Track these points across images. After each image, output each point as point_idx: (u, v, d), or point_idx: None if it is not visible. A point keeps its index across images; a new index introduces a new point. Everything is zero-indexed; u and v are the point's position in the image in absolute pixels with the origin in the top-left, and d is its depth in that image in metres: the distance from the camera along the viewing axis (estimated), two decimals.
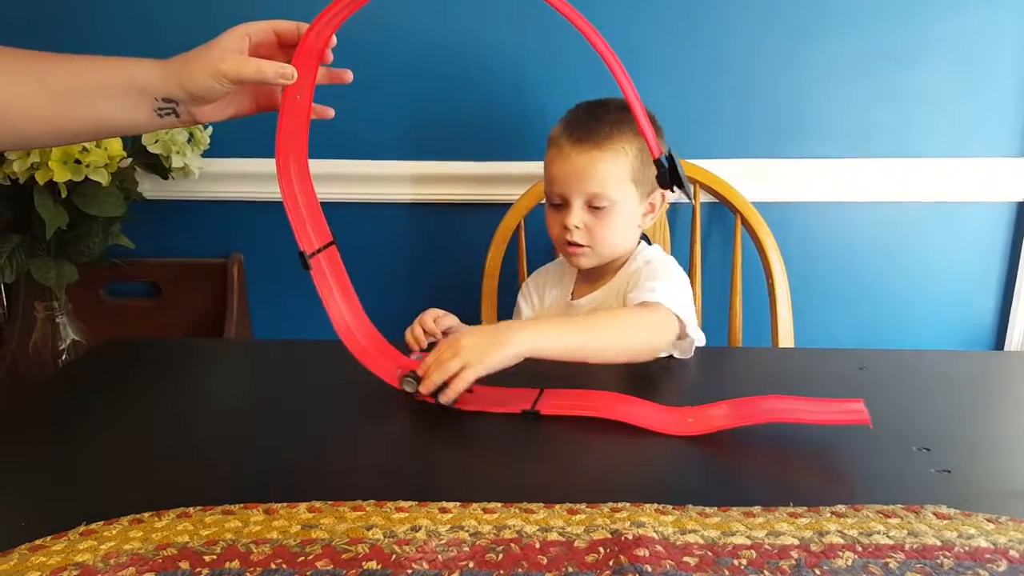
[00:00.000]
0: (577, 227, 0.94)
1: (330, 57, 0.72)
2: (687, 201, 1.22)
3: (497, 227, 1.20)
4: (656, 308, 0.84)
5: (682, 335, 0.85)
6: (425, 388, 0.71)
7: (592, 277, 1.01)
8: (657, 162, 0.69)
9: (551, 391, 0.74)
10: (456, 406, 0.72)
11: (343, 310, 0.77)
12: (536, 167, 1.04)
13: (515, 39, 1.19)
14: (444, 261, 1.28)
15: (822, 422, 0.66)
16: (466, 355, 0.71)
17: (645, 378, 0.81)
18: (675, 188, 0.70)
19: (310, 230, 0.75)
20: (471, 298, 1.20)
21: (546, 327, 0.77)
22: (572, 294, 1.03)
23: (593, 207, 0.93)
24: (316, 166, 0.76)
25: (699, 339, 0.89)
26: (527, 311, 1.07)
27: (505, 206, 1.21)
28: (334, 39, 0.71)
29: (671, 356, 0.87)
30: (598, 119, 0.93)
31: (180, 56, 0.67)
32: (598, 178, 0.92)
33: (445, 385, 0.71)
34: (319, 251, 0.75)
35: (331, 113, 0.76)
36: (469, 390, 0.72)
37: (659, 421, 0.69)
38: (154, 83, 0.67)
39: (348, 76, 0.75)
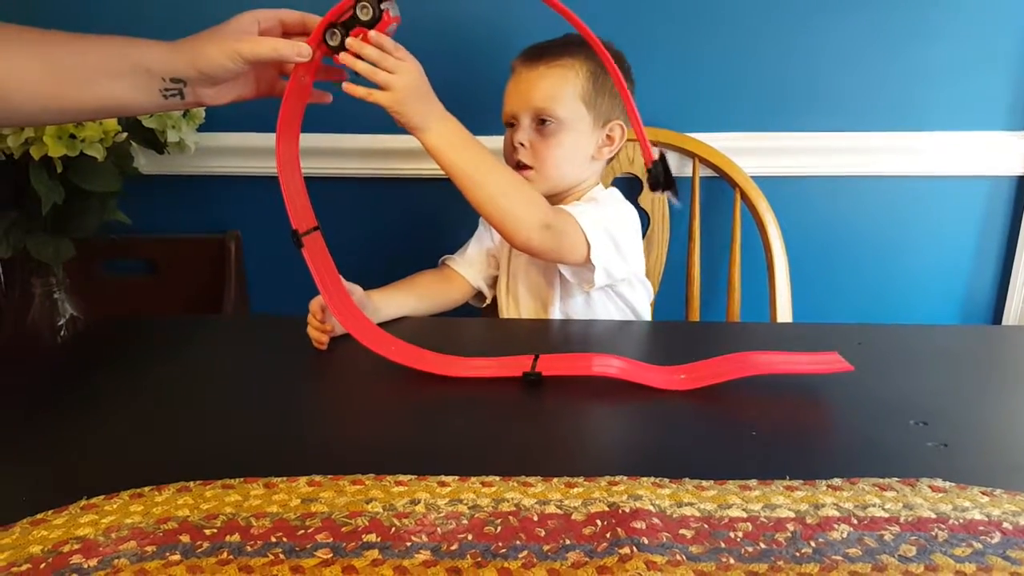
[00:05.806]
0: (523, 144, 0.94)
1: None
2: (685, 175, 1.22)
3: None
4: (560, 211, 0.86)
5: (587, 261, 0.87)
6: (348, 59, 0.71)
7: None
8: (653, 163, 0.70)
9: (547, 356, 0.75)
10: (455, 374, 0.74)
11: (330, 288, 0.79)
12: None
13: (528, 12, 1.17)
14: (446, 238, 1.28)
15: (806, 371, 0.70)
16: (397, 88, 0.72)
17: (640, 350, 0.81)
18: (664, 191, 0.71)
19: (302, 211, 0.77)
20: None
21: (458, 140, 0.78)
22: None
23: (540, 126, 0.94)
24: (318, 140, 0.75)
25: (645, 291, 0.96)
26: (484, 231, 1.07)
27: None
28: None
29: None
30: (551, 42, 0.96)
31: (189, 37, 0.69)
32: (544, 92, 0.93)
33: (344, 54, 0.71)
34: (309, 232, 0.77)
35: (329, 98, 0.78)
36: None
37: (653, 378, 0.71)
38: (162, 63, 0.67)
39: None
